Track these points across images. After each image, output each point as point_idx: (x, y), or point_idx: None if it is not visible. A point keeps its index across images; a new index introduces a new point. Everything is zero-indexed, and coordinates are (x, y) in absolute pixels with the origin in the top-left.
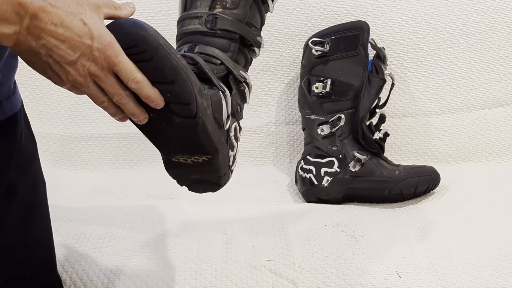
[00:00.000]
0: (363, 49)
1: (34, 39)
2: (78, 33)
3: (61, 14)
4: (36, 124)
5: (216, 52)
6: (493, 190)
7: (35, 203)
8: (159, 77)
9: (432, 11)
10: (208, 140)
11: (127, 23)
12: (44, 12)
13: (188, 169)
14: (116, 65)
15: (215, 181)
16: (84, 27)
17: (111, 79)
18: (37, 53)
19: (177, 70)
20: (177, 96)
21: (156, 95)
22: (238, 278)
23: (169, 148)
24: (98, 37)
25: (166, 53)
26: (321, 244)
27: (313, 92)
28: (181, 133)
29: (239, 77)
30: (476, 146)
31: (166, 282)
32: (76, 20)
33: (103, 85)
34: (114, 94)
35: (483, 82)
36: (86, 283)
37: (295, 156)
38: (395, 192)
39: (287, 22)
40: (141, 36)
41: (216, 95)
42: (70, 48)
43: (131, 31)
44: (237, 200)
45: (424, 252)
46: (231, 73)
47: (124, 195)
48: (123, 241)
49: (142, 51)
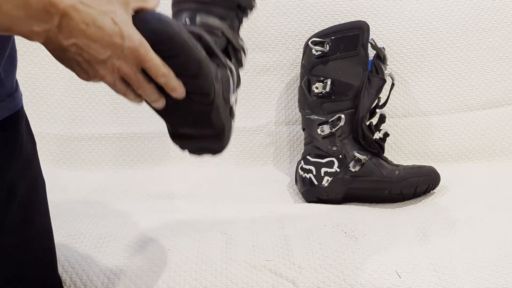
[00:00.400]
0: (363, 49)
1: (65, 37)
2: (109, 32)
3: (93, 13)
4: (36, 124)
5: (217, 23)
6: (493, 190)
7: (35, 203)
8: (184, 72)
9: (432, 11)
10: (218, 119)
11: (153, 20)
12: (75, 11)
13: (194, 140)
14: (146, 62)
15: (218, 149)
16: (115, 26)
17: (139, 76)
18: (67, 51)
19: (201, 65)
20: (198, 88)
21: (180, 87)
22: (238, 278)
23: (178, 123)
24: (128, 36)
25: (191, 49)
26: (321, 244)
27: (313, 92)
28: (195, 115)
29: (238, 47)
30: (476, 146)
31: (166, 282)
32: (107, 19)
33: (131, 81)
34: (139, 87)
35: (483, 82)
36: (86, 283)
37: (295, 156)
38: (395, 192)
39: (287, 22)
40: (168, 33)
41: (225, 75)
42: (101, 47)
43: (158, 29)
44: (237, 200)
45: (424, 252)
46: (231, 43)
47: (124, 195)
48: (123, 241)
49: (169, 48)
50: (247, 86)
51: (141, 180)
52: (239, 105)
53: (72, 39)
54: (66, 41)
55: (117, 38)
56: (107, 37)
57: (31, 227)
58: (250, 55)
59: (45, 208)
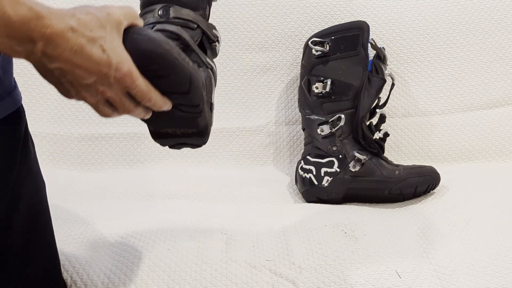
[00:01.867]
0: (363, 49)
1: (49, 61)
2: (97, 61)
3: (81, 41)
4: (36, 124)
5: (191, 15)
6: (493, 190)
7: (38, 203)
8: (175, 89)
9: (432, 11)
10: (202, 121)
11: (142, 40)
12: (63, 39)
13: (176, 138)
14: (132, 89)
15: (200, 144)
16: (103, 54)
17: (125, 99)
18: (51, 71)
19: (191, 81)
20: (188, 101)
21: (167, 104)
22: (238, 278)
23: (161, 126)
24: (116, 64)
25: (181, 68)
26: (321, 244)
27: (313, 92)
28: (181, 120)
29: (213, 37)
30: (476, 146)
31: (166, 282)
32: (95, 47)
33: (116, 104)
34: (124, 110)
35: (483, 82)
36: (87, 283)
37: (295, 156)
38: (395, 192)
39: (287, 22)
40: (158, 54)
41: (208, 76)
42: (87, 73)
43: (148, 49)
44: (237, 200)
45: (424, 252)
46: (205, 34)
47: (124, 195)
48: (123, 241)
49: (160, 68)
50: (247, 86)
51: (141, 180)
52: (239, 105)
53: (56, 64)
54: (50, 64)
55: (104, 67)
56: (94, 65)
57: (36, 226)
58: (250, 55)
59: (46, 208)
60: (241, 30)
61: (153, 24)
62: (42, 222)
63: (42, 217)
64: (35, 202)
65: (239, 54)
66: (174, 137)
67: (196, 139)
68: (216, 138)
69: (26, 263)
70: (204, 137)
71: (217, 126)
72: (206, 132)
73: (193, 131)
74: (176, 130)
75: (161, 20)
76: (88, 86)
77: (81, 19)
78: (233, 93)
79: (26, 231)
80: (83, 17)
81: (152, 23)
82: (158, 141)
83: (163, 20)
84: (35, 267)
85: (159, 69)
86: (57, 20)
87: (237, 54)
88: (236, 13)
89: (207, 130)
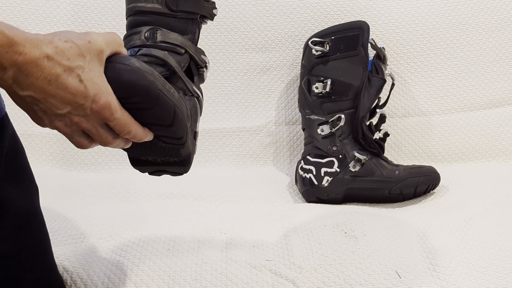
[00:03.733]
0: (363, 49)
1: (20, 89)
2: (72, 91)
3: (57, 69)
4: (36, 124)
5: (179, 40)
6: (493, 190)
7: (29, 210)
8: (158, 121)
9: (432, 11)
10: (185, 151)
11: (125, 70)
12: (36, 67)
13: (156, 165)
14: (111, 121)
15: (181, 173)
16: (80, 85)
17: (102, 131)
18: (22, 99)
19: (176, 114)
20: (171, 134)
21: (147, 136)
22: (238, 278)
23: (142, 154)
24: (93, 95)
25: (166, 100)
26: (321, 244)
27: (313, 92)
28: (162, 150)
29: (201, 63)
30: (476, 146)
31: (166, 282)
32: (72, 76)
33: (92, 136)
34: (101, 141)
35: (483, 82)
36: (87, 283)
37: (295, 156)
38: (395, 192)
39: (287, 22)
40: (141, 86)
41: (194, 106)
42: (61, 103)
43: (131, 80)
44: (237, 200)
45: (424, 252)
46: (193, 59)
47: (124, 195)
48: (123, 241)
49: (143, 101)
50: (247, 86)
51: (141, 180)
52: (239, 105)
53: (28, 92)
54: (21, 92)
55: (80, 98)
56: (70, 96)
57: (27, 235)
58: (250, 55)
59: (40, 216)
60: (241, 30)
61: (139, 48)
62: (34, 227)
63: (33, 222)
64: (25, 211)
65: (239, 54)
66: (154, 165)
67: (178, 168)
68: (216, 138)
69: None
70: (186, 166)
71: (217, 126)
72: (188, 161)
73: (174, 160)
74: (157, 159)
75: (147, 43)
76: (62, 116)
77: (58, 46)
78: (233, 93)
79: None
80: (61, 45)
81: (138, 46)
82: (137, 168)
83: (149, 44)
84: (25, 272)
85: (142, 101)
86: (31, 47)
87: (237, 54)
88: (236, 13)
89: (189, 160)
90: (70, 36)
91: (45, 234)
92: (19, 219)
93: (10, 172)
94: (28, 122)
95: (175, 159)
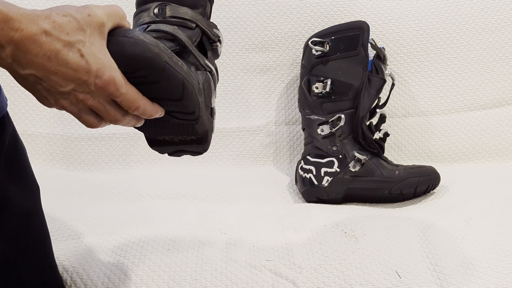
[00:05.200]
0: (363, 49)
1: (21, 68)
2: (74, 67)
3: (56, 45)
4: (36, 124)
5: (189, 14)
6: (493, 190)
7: (29, 209)
8: (167, 96)
9: (432, 11)
10: (201, 128)
11: (128, 43)
12: (34, 43)
13: (174, 145)
14: (117, 97)
15: (200, 151)
16: (81, 60)
17: (110, 108)
18: (24, 78)
19: (185, 87)
20: (182, 108)
21: (157, 112)
22: (238, 278)
23: (158, 133)
24: (96, 70)
25: (173, 72)
26: (321, 244)
27: (313, 92)
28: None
29: (213, 37)
30: (476, 146)
31: (166, 282)
32: (72, 52)
33: (100, 113)
34: (111, 119)
35: (483, 82)
36: (87, 283)
37: (295, 156)
38: (395, 192)
39: (287, 22)
40: (146, 58)
41: (207, 80)
42: (63, 80)
43: (135, 53)
44: (237, 200)
45: (424, 252)
46: (205, 34)
47: (124, 195)
48: (123, 241)
49: (148, 74)
50: (247, 86)
51: (141, 180)
52: (239, 105)
53: (29, 70)
54: (22, 71)
55: (82, 74)
56: (71, 71)
57: (27, 235)
58: (250, 55)
59: (40, 215)
60: (241, 30)
61: (148, 24)
62: (35, 230)
63: (34, 222)
64: (26, 211)
65: (239, 54)
66: (172, 145)
67: (196, 146)
68: (216, 138)
69: (13, 267)
70: (204, 144)
71: (217, 126)
72: (205, 139)
73: (191, 138)
74: (174, 138)
75: (157, 19)
76: (67, 93)
77: (56, 21)
78: (233, 93)
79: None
80: (59, 19)
81: (147, 23)
82: (155, 149)
83: (159, 20)
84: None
85: (147, 75)
86: (28, 23)
87: (237, 54)
88: (236, 13)
89: (206, 137)
90: (69, 10)
91: (46, 234)
92: (19, 218)
93: (11, 171)
94: (28, 122)
95: (192, 137)
